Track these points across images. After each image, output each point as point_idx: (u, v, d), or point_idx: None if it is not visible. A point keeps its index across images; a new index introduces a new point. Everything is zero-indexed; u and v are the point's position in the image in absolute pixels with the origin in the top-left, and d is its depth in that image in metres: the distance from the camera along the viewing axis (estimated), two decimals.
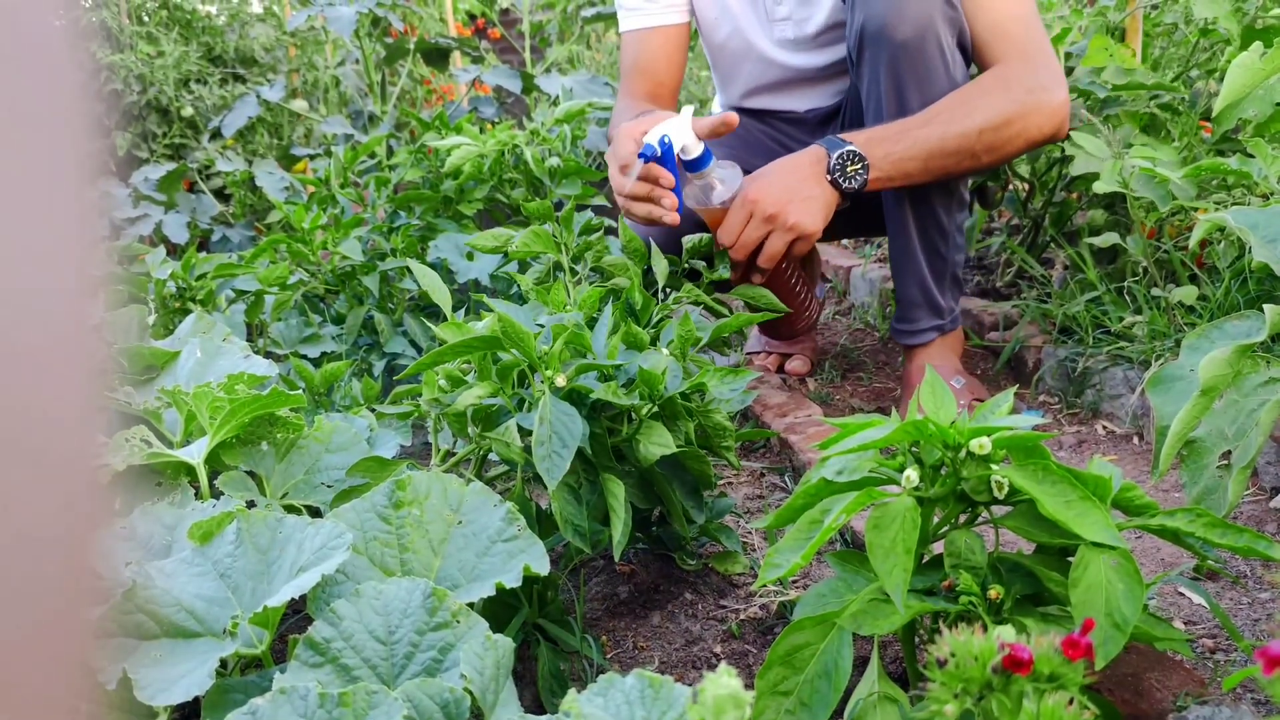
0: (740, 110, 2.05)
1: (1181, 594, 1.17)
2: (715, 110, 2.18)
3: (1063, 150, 1.96)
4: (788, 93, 1.97)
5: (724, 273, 1.63)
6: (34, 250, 0.26)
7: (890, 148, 1.56)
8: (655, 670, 1.12)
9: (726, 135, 1.55)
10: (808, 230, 1.55)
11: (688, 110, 1.52)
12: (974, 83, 1.61)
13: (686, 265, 1.67)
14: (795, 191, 1.55)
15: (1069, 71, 1.95)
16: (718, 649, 1.17)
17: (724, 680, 0.53)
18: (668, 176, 1.51)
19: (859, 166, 1.55)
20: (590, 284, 1.62)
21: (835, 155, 1.55)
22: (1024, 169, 2.24)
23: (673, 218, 1.53)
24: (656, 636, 1.20)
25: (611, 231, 1.98)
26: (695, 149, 1.52)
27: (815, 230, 1.56)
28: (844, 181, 1.56)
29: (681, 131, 1.50)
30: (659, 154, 1.48)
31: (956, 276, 1.77)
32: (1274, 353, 1.19)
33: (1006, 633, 0.63)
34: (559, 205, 2.16)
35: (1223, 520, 0.84)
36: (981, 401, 1.72)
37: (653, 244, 1.60)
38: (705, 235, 1.64)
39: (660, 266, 1.57)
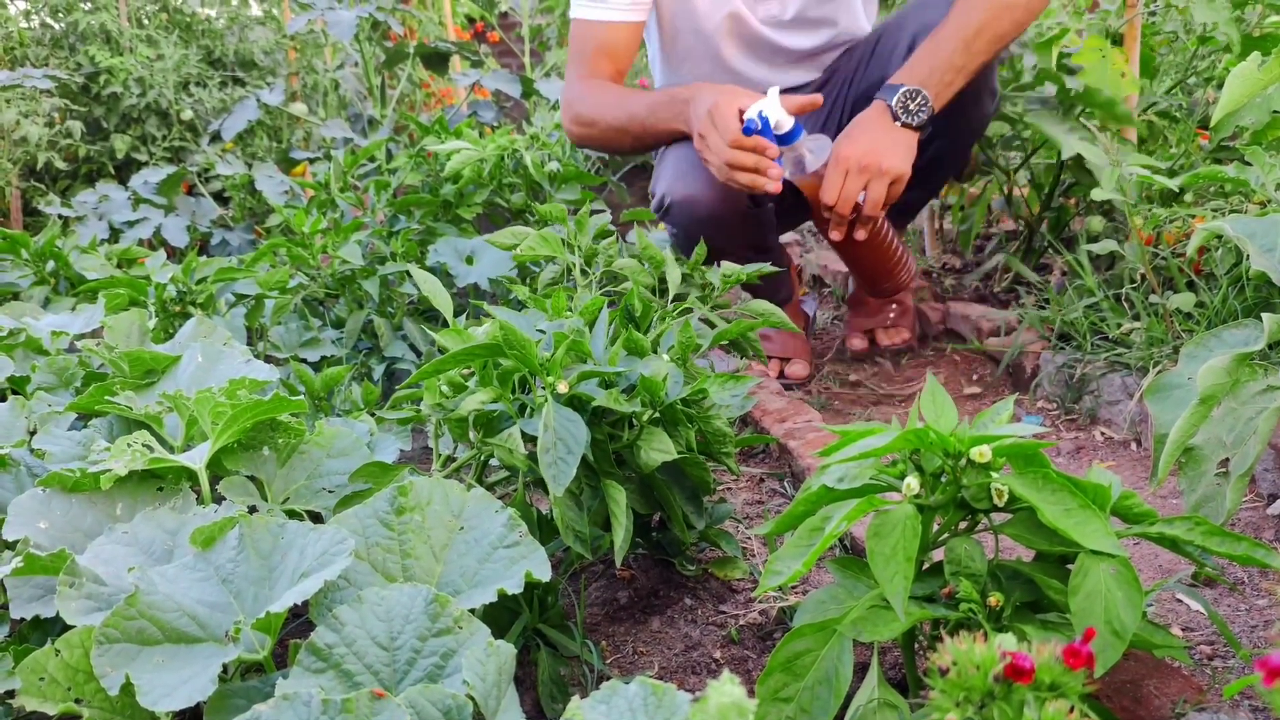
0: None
1: (1180, 601, 1.17)
2: None
3: (1059, 154, 1.97)
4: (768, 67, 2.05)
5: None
6: None
7: (932, 62, 1.69)
8: (654, 675, 1.12)
9: None
10: (900, 171, 1.67)
11: (775, 90, 1.63)
12: None
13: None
14: (879, 141, 1.68)
15: (1069, 73, 1.96)
16: (717, 654, 1.17)
17: (727, 688, 0.53)
18: (772, 147, 1.62)
19: (919, 100, 1.67)
20: (602, 288, 1.63)
21: (894, 100, 1.69)
22: (1022, 175, 2.24)
23: (775, 186, 1.65)
24: (656, 642, 1.20)
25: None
26: (787, 124, 1.64)
27: (906, 170, 1.68)
28: (911, 119, 1.69)
29: (774, 109, 1.61)
30: (759, 128, 1.59)
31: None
32: (1272, 361, 1.20)
33: (1008, 641, 0.63)
34: None
35: (1221, 528, 0.85)
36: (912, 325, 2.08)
37: (668, 251, 1.62)
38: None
39: (673, 275, 1.58)
